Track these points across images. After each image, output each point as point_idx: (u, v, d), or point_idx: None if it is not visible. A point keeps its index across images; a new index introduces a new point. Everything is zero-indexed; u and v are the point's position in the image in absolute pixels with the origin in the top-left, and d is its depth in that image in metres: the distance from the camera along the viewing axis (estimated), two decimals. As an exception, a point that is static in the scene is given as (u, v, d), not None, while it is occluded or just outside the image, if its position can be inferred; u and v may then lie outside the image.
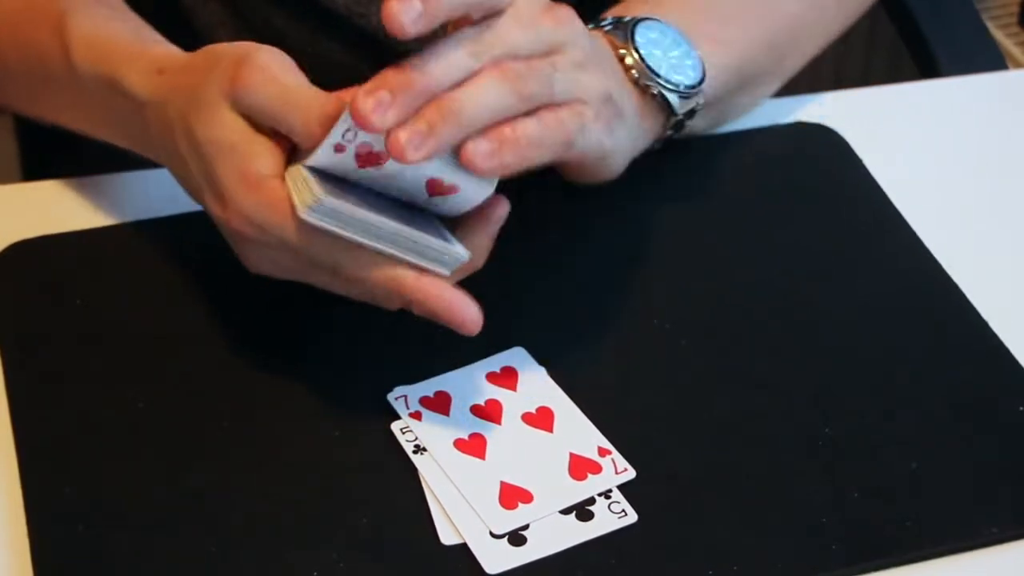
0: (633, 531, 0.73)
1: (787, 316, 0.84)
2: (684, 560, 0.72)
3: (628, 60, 0.86)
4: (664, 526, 0.73)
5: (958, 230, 0.91)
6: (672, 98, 0.87)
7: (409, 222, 0.73)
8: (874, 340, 0.83)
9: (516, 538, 0.72)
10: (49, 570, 0.71)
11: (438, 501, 0.73)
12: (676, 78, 0.87)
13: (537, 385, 0.79)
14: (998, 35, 1.86)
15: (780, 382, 0.80)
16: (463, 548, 0.72)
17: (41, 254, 0.86)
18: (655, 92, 0.86)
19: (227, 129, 0.72)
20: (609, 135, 0.82)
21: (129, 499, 0.74)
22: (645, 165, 0.90)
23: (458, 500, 0.73)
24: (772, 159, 0.95)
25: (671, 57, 0.87)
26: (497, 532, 0.72)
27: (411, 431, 0.76)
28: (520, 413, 0.78)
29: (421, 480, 0.74)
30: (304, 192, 0.71)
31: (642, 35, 0.87)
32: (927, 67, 1.15)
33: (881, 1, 1.23)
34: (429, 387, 0.78)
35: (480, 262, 0.76)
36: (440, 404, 0.78)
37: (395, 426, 0.77)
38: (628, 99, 0.85)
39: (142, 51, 0.80)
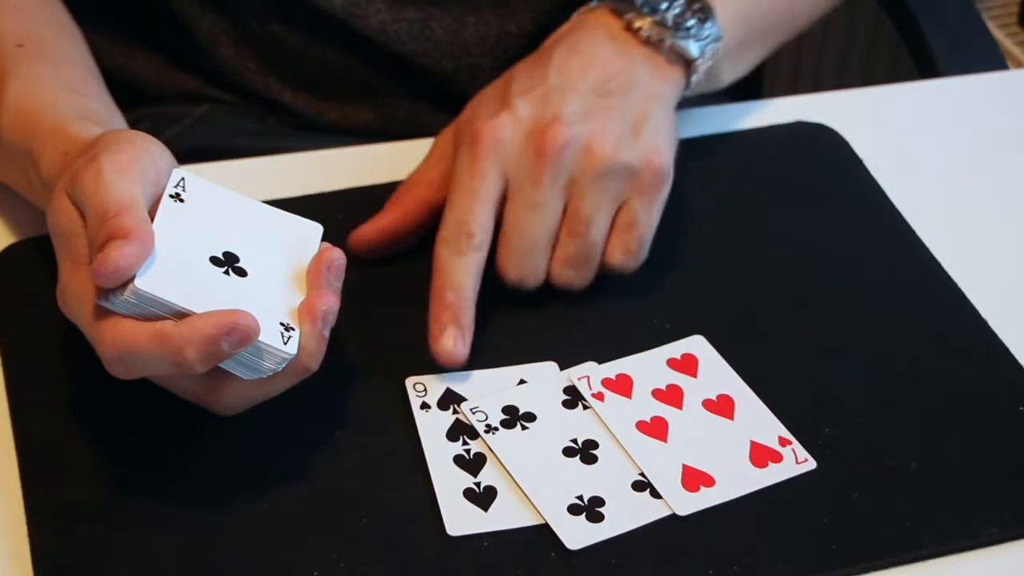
0: (633, 530, 0.73)
1: (787, 315, 0.84)
2: (684, 560, 0.72)
3: (637, 23, 0.85)
4: (664, 525, 0.73)
5: (958, 230, 0.91)
6: (687, 44, 0.86)
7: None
8: (874, 340, 0.83)
9: (593, 515, 0.73)
10: (49, 570, 0.71)
11: (514, 480, 0.74)
12: (687, 23, 0.86)
13: (717, 373, 0.80)
14: (998, 35, 1.86)
15: (780, 382, 0.80)
16: (463, 547, 0.72)
17: (41, 254, 0.86)
18: (669, 44, 0.86)
19: (61, 215, 0.73)
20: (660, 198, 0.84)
21: (129, 499, 0.74)
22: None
23: (535, 478, 0.74)
24: (772, 159, 0.95)
25: (677, 6, 0.86)
26: (681, 513, 0.73)
27: (481, 411, 0.77)
28: (701, 399, 0.78)
29: (494, 459, 0.75)
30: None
31: None
32: (927, 67, 1.15)
33: (881, 1, 1.23)
34: (611, 369, 0.79)
35: (314, 364, 0.73)
36: (622, 387, 0.78)
37: (464, 406, 0.77)
38: (642, 71, 0.85)
39: (60, 130, 0.80)
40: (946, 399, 0.80)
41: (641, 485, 0.74)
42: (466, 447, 0.76)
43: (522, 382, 0.79)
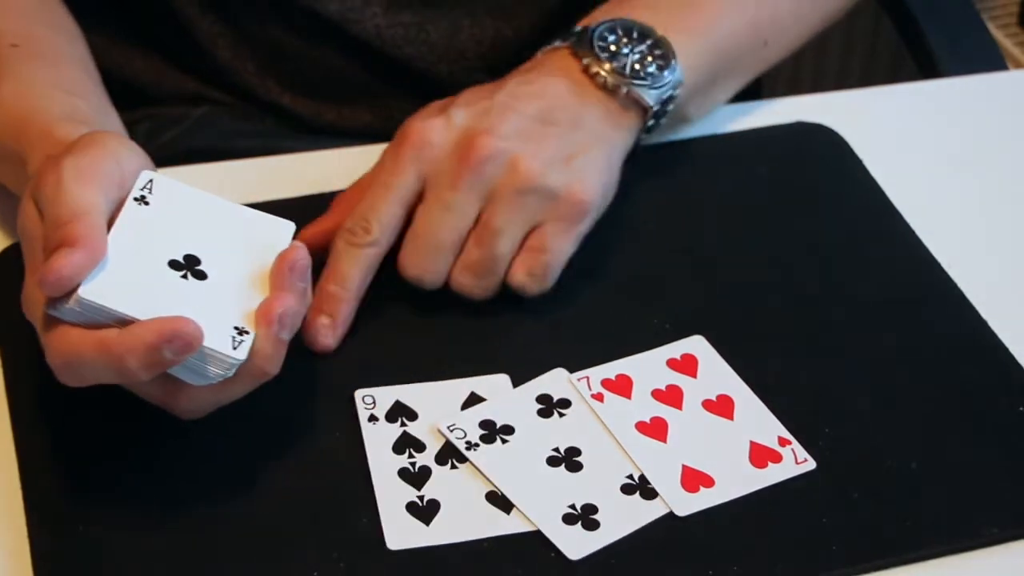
0: (632, 531, 0.73)
1: (787, 316, 0.84)
2: (684, 560, 0.72)
3: (594, 69, 0.85)
4: (664, 526, 0.73)
5: (958, 230, 0.91)
6: (643, 92, 0.86)
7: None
8: (874, 340, 0.83)
9: (589, 523, 0.73)
10: (49, 570, 0.71)
11: (501, 494, 0.74)
12: (647, 71, 0.86)
13: (717, 373, 0.80)
14: (998, 35, 1.86)
15: (780, 382, 0.80)
16: (463, 548, 0.72)
17: (41, 254, 0.86)
18: (625, 91, 0.85)
19: (26, 220, 0.73)
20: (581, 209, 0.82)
21: (128, 499, 0.74)
22: (646, 164, 0.90)
23: (525, 491, 0.74)
24: (772, 159, 0.95)
25: (638, 52, 0.86)
26: (680, 514, 0.73)
27: (460, 429, 0.76)
28: (700, 400, 0.79)
29: (442, 474, 0.74)
30: None
31: (601, 40, 0.86)
32: (927, 67, 1.15)
33: (881, 1, 1.23)
34: (611, 370, 0.79)
35: (271, 368, 0.72)
36: (622, 387, 0.78)
37: (442, 425, 0.76)
38: (594, 114, 0.85)
39: (48, 131, 0.79)
40: (946, 399, 0.80)
41: (630, 488, 0.74)
42: (411, 460, 0.75)
43: (473, 395, 0.78)
